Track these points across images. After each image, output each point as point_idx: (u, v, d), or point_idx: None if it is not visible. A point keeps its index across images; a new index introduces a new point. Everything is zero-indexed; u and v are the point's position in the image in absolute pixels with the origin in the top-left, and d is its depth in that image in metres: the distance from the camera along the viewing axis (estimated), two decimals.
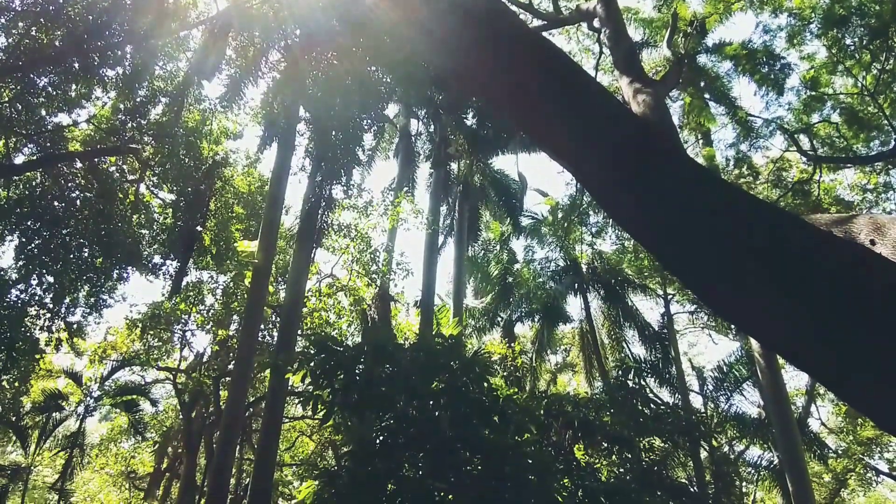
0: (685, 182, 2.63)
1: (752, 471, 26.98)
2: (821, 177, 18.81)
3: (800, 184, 19.04)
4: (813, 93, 18.42)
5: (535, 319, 27.18)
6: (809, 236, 2.26)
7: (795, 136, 18.37)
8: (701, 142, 20.90)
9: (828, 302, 2.03)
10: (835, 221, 2.68)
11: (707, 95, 19.16)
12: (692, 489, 19.94)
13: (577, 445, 12.98)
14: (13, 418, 19.21)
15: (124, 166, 17.39)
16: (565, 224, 26.72)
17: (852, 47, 16.81)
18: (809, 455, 22.54)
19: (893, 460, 32.65)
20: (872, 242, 2.32)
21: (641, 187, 2.69)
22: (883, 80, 16.05)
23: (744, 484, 27.34)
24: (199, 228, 16.05)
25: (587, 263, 27.70)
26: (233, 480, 19.75)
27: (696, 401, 25.63)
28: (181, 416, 24.52)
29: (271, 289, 18.62)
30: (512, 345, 24.06)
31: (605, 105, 3.04)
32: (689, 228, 2.52)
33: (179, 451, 26.28)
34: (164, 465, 27.80)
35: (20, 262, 14.25)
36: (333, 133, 15.58)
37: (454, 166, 25.21)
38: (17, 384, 16.30)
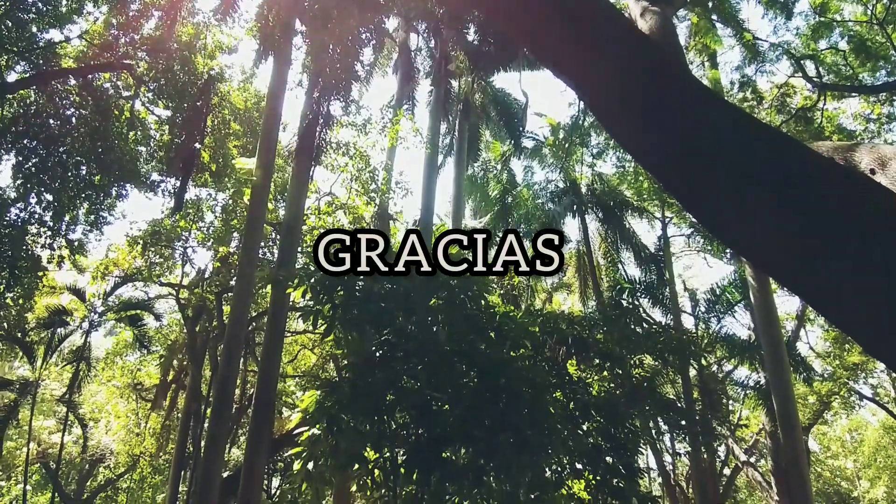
0: (690, 103, 2.63)
1: (739, 390, 27.99)
2: (824, 105, 18.53)
3: (803, 111, 18.77)
4: (821, 19, 17.91)
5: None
6: (811, 162, 2.28)
7: (801, 62, 18.01)
8: (707, 64, 20.41)
9: (826, 226, 2.05)
10: (837, 149, 2.69)
11: (714, 17, 18.56)
12: (679, 405, 20.77)
13: (570, 361, 13.40)
14: (19, 335, 19.63)
15: (119, 83, 16.99)
16: (566, 145, 26.44)
17: None
18: (796, 377, 23.29)
19: (877, 386, 33.84)
20: (872, 172, 2.34)
21: (646, 107, 2.68)
22: (893, 9, 15.56)
23: (730, 402, 28.44)
24: (197, 146, 15.87)
25: (587, 185, 27.62)
26: (237, 391, 20.49)
27: (688, 321, 26.24)
28: (185, 331, 25.12)
29: (270, 206, 18.63)
30: None
31: (613, 22, 2.97)
32: (691, 150, 2.53)
33: (184, 363, 27.08)
34: (170, 377, 28.69)
35: (18, 181, 14.20)
36: (331, 47, 15.14)
37: (455, 84, 24.64)
38: (21, 301, 16.56)
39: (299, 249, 16.69)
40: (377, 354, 9.51)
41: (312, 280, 9.41)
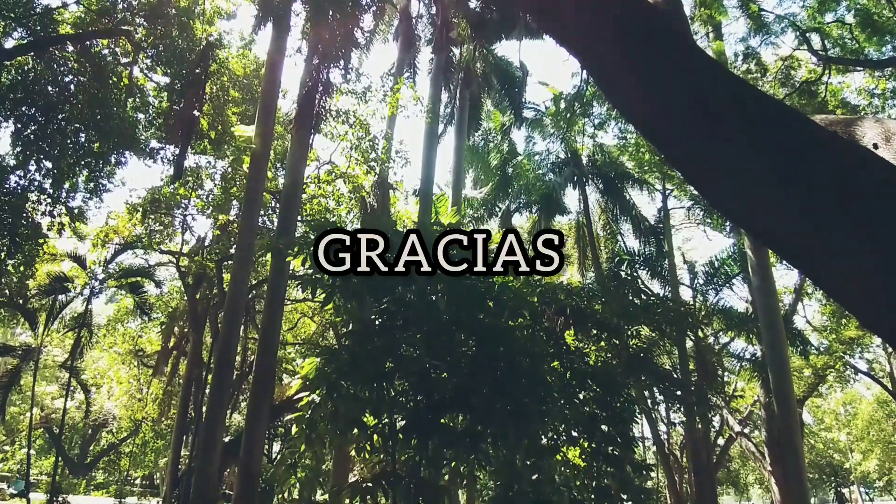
0: (693, 73, 2.61)
1: (735, 362, 28.29)
2: (829, 78, 18.35)
3: (807, 84, 18.59)
4: None
5: (533, 210, 27.37)
6: (813, 134, 2.27)
7: (807, 34, 17.78)
8: (711, 35, 20.15)
9: (826, 199, 2.06)
10: (840, 122, 2.67)
11: None
12: (675, 375, 21.02)
13: (567, 331, 13.51)
14: (20, 301, 19.71)
15: (117, 49, 16.77)
16: (568, 115, 26.21)
17: None
18: (792, 350, 23.48)
19: (873, 360, 34.14)
20: (876, 146, 2.33)
21: (648, 74, 2.67)
22: None
23: (726, 373, 28.75)
24: (195, 113, 15.73)
25: (588, 156, 27.49)
26: (238, 358, 20.68)
27: (686, 294, 26.39)
28: (185, 298, 25.25)
29: (270, 174, 18.56)
30: None
31: None
32: (693, 120, 2.52)
33: (185, 330, 27.27)
34: (171, 344, 28.93)
35: (17, 149, 14.12)
36: (330, 13, 14.93)
37: (456, 52, 24.32)
38: (22, 268, 16.60)
39: (299, 218, 16.69)
40: (376, 323, 9.58)
41: (312, 248, 9.43)
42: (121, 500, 26.31)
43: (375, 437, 9.51)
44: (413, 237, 10.00)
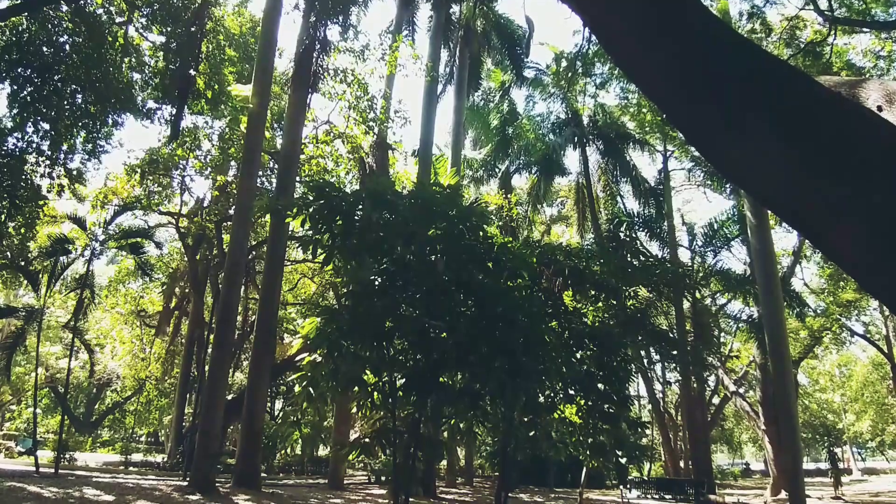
0: (696, 30, 2.58)
1: (732, 323, 28.54)
2: (835, 39, 18.01)
3: (812, 45, 18.27)
4: None
5: (533, 171, 27.25)
6: (817, 95, 2.26)
7: None
8: None
9: (828, 161, 2.06)
10: (844, 84, 2.65)
11: None
12: (672, 336, 21.27)
13: (566, 292, 13.62)
14: (22, 263, 19.74)
15: (111, 8, 16.42)
16: (569, 74, 25.86)
17: None
18: (789, 312, 23.67)
19: (869, 323, 34.42)
20: (880, 108, 2.32)
21: (651, 32, 2.64)
22: None
23: (722, 334, 29.04)
24: (192, 72, 15.50)
25: (589, 116, 27.23)
26: (239, 318, 20.87)
27: (685, 255, 26.46)
28: (186, 259, 25.33)
29: (268, 135, 18.41)
30: (508, 196, 24.33)
31: None
32: (696, 78, 2.50)
33: (186, 290, 27.46)
34: (173, 304, 29.16)
35: (14, 111, 13.97)
36: None
37: (456, 8, 23.86)
38: (23, 230, 16.58)
39: (297, 179, 16.62)
40: (376, 283, 9.64)
41: (311, 209, 9.43)
42: (127, 456, 26.80)
43: (376, 394, 9.68)
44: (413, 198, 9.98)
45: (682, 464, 26.32)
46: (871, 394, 43.85)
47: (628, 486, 16.41)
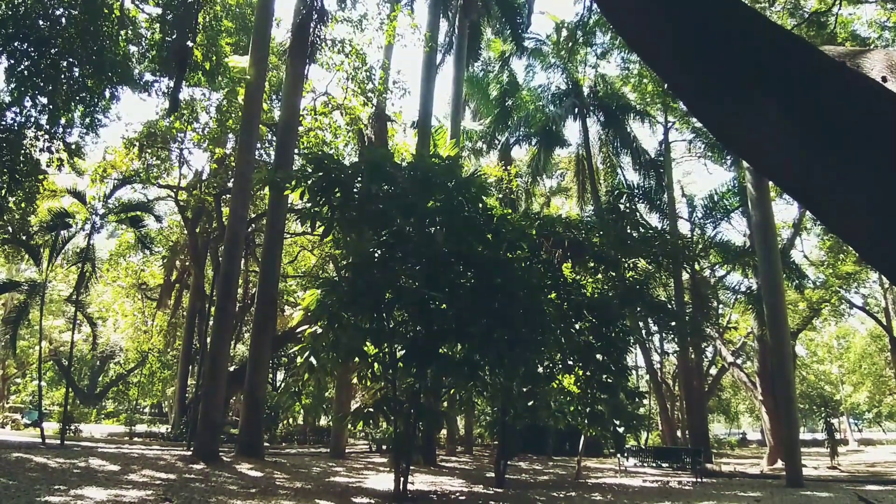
0: None
1: (731, 294, 28.66)
2: (839, 9, 17.70)
3: (816, 15, 17.97)
4: None
5: (533, 143, 27.10)
6: (820, 65, 2.24)
7: None
8: None
9: (831, 131, 2.05)
10: (848, 54, 2.62)
11: None
12: (670, 307, 21.39)
13: (565, 263, 13.70)
14: (23, 237, 19.77)
15: None
16: (570, 44, 25.56)
17: None
18: (788, 284, 23.72)
19: (868, 295, 34.50)
20: (884, 79, 2.30)
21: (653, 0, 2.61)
22: None
23: (720, 306, 29.18)
24: (189, 44, 15.32)
25: (589, 87, 26.96)
26: (240, 290, 20.95)
27: (685, 227, 26.47)
28: (185, 232, 25.34)
29: (266, 106, 18.27)
30: (508, 168, 24.23)
31: None
32: (698, 47, 2.48)
33: (187, 263, 27.52)
34: (174, 277, 29.26)
35: (11, 85, 13.87)
36: None
37: None
38: (23, 205, 16.59)
39: (296, 150, 16.54)
40: (376, 255, 9.69)
41: (310, 181, 9.42)
42: (131, 427, 27.18)
43: (376, 365, 9.80)
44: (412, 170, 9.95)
45: (678, 433, 26.69)
46: (869, 365, 44.18)
47: (625, 454, 16.65)
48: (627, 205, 24.09)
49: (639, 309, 16.11)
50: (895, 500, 9.75)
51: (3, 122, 14.00)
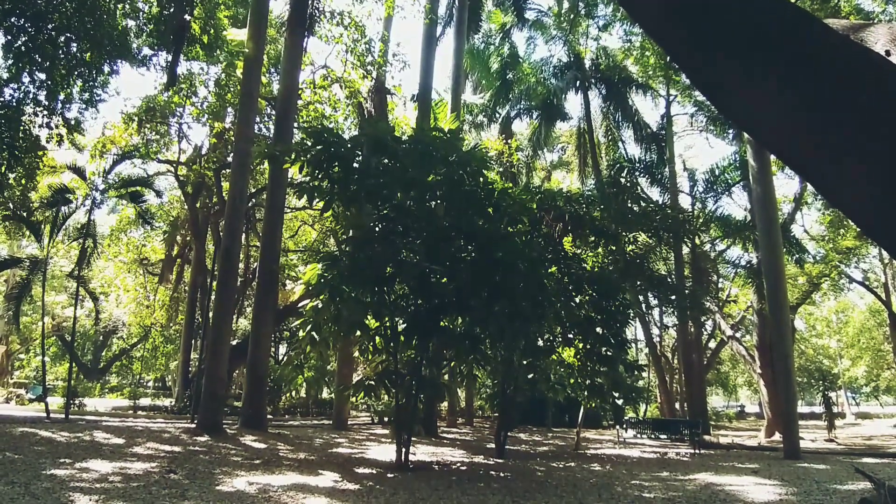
0: None
1: (731, 268, 28.72)
2: None
3: None
4: None
5: (534, 116, 26.89)
6: (824, 39, 2.23)
7: None
8: None
9: (834, 105, 2.05)
10: (852, 27, 2.60)
11: None
12: (670, 280, 21.45)
13: (566, 237, 13.70)
14: (24, 214, 19.77)
15: None
16: (571, 16, 25.23)
17: None
18: (788, 258, 23.72)
19: (868, 270, 34.53)
20: (888, 53, 2.29)
21: None
22: None
23: (720, 279, 29.26)
24: (186, 17, 15.13)
25: (591, 59, 26.67)
26: (241, 265, 21.00)
27: (686, 201, 26.40)
28: (186, 207, 25.32)
29: (264, 80, 18.11)
30: (509, 141, 24.09)
31: None
32: (701, 17, 2.45)
33: (188, 238, 27.55)
34: (175, 252, 29.31)
35: (9, 61, 13.76)
36: None
37: None
38: (23, 181, 16.56)
39: (295, 125, 16.45)
40: (376, 229, 9.69)
41: (309, 155, 9.38)
42: (135, 401, 27.46)
43: (377, 338, 9.88)
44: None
45: (677, 405, 26.94)
46: (868, 340, 44.42)
47: (624, 425, 16.86)
48: (628, 179, 23.99)
49: (639, 283, 16.17)
50: (891, 473, 9.87)
51: (2, 99, 13.93)
